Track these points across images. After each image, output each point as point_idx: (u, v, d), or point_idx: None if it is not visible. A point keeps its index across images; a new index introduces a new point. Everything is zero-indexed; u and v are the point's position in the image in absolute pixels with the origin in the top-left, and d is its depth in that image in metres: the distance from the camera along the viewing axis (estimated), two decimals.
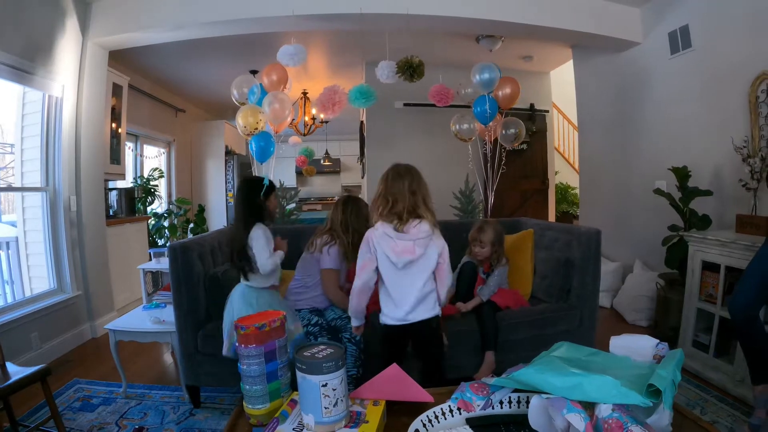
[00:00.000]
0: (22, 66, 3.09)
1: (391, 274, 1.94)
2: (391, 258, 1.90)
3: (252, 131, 2.88)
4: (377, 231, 1.93)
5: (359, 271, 1.95)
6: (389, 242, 1.90)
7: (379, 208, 1.95)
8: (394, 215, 1.92)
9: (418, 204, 1.94)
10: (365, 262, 1.95)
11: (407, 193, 1.94)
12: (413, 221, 1.92)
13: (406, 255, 1.89)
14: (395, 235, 1.90)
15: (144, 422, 2.45)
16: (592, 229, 2.73)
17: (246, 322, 1.17)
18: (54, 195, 3.57)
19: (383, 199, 1.96)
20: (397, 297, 1.94)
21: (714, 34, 3.30)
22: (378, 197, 1.98)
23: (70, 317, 3.60)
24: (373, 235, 1.94)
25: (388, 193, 1.95)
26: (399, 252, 1.89)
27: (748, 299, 2.09)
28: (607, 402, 1.02)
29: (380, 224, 1.94)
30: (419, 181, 2.00)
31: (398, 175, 1.99)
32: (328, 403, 1.02)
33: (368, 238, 1.95)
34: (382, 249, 1.91)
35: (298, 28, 3.75)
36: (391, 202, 1.93)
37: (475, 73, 3.37)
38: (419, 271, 1.94)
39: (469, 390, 1.23)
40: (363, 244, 1.96)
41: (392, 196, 1.94)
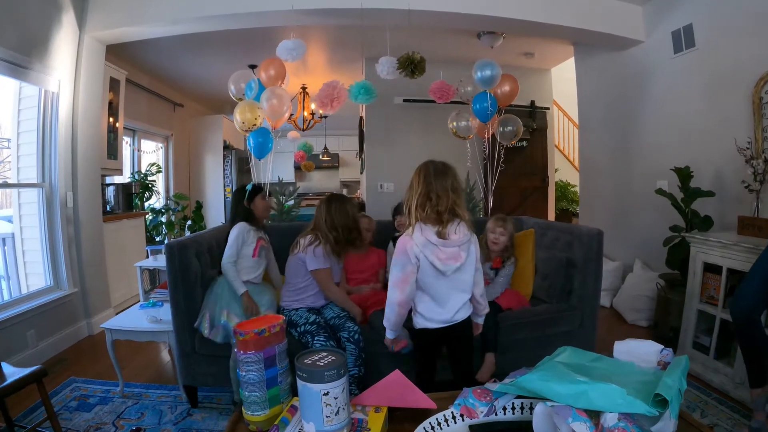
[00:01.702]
0: (18, 61, 3.05)
1: (433, 280, 1.82)
2: (437, 266, 1.78)
3: (250, 127, 2.85)
4: (418, 238, 1.78)
5: (400, 283, 1.80)
6: (433, 250, 1.77)
7: (422, 207, 1.80)
8: (436, 215, 1.79)
9: (457, 203, 1.83)
10: (407, 274, 1.79)
11: (450, 191, 1.81)
12: (452, 223, 1.81)
13: (453, 262, 1.79)
14: (439, 242, 1.78)
15: (141, 422, 2.43)
16: (594, 229, 2.71)
17: (245, 328, 1.15)
18: (50, 191, 3.54)
19: (425, 197, 1.80)
20: (443, 300, 1.85)
21: (718, 34, 3.27)
22: (417, 196, 1.81)
23: (67, 315, 3.57)
24: (414, 243, 1.78)
25: (431, 191, 1.80)
26: (445, 259, 1.78)
27: (750, 302, 2.08)
28: (612, 411, 1.00)
29: (419, 229, 1.79)
30: (458, 180, 1.89)
31: (441, 173, 1.84)
32: (329, 411, 1.00)
33: (407, 247, 1.78)
34: (426, 257, 1.77)
35: (297, 22, 3.71)
36: (435, 201, 1.79)
37: (476, 70, 3.35)
38: (466, 274, 1.86)
39: (471, 396, 1.21)
40: (400, 254, 1.79)
41: (435, 195, 1.79)
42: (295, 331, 2.37)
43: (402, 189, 5.45)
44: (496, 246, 2.75)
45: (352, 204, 2.55)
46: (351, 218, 2.47)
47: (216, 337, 2.40)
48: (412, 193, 1.84)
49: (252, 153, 2.97)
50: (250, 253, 2.52)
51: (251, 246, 2.53)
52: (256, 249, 2.54)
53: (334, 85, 3.30)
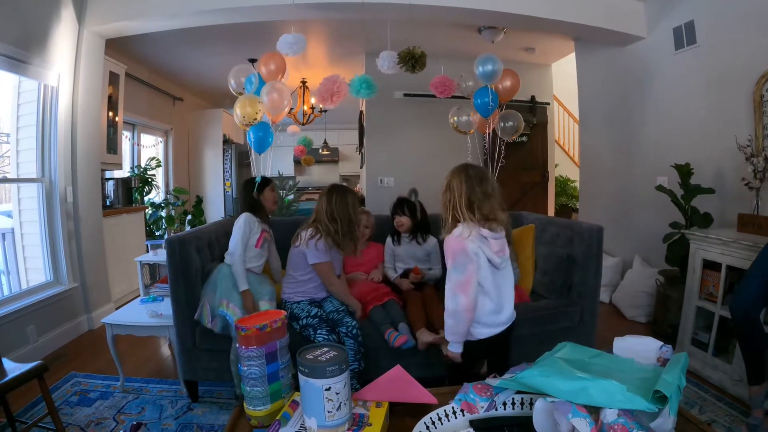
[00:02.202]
0: (17, 55, 3.04)
1: (491, 277, 1.78)
2: (493, 260, 1.76)
3: (251, 121, 2.84)
4: (470, 234, 1.73)
5: (463, 286, 1.72)
6: (486, 243, 1.75)
7: (469, 209, 1.76)
8: (481, 216, 1.76)
9: (495, 206, 1.81)
10: (469, 274, 1.72)
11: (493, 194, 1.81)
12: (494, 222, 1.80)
13: (503, 254, 1.80)
14: (489, 234, 1.76)
15: (142, 417, 2.44)
16: (595, 225, 2.71)
17: (247, 323, 1.15)
18: (50, 185, 3.53)
19: (467, 200, 1.77)
20: (498, 301, 1.81)
21: (720, 31, 3.26)
22: (462, 197, 1.77)
23: (67, 310, 3.57)
24: (468, 241, 1.73)
25: (474, 195, 1.77)
26: (497, 251, 1.77)
27: (750, 299, 2.09)
28: (612, 407, 1.01)
29: (466, 227, 1.75)
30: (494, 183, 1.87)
31: (484, 177, 1.82)
32: (331, 407, 1.01)
33: (464, 246, 1.72)
34: (483, 252, 1.74)
35: (297, 16, 3.70)
36: (479, 204, 1.76)
37: (478, 65, 3.34)
38: (510, 269, 1.87)
39: (472, 391, 1.22)
40: (458, 254, 1.73)
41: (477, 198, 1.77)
42: (297, 324, 2.37)
43: (402, 183, 5.43)
44: None
45: (353, 195, 2.53)
46: (351, 210, 2.46)
47: (215, 327, 2.40)
48: (459, 196, 1.78)
49: (252, 148, 2.96)
50: (254, 242, 2.54)
51: (256, 236, 2.55)
52: (259, 240, 2.56)
53: (334, 80, 3.29)
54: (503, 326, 1.85)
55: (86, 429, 2.33)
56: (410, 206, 2.86)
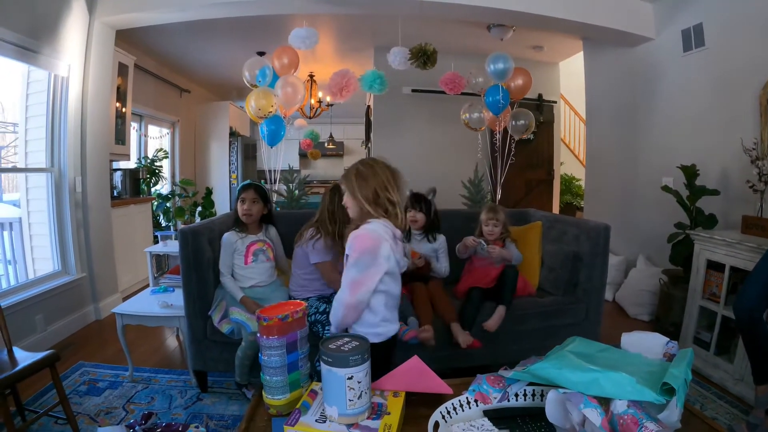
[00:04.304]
0: (28, 45, 3.05)
1: (394, 280, 1.66)
2: (400, 262, 1.67)
3: (265, 114, 2.86)
4: (385, 232, 1.60)
5: (358, 286, 1.56)
6: (397, 245, 1.65)
7: (390, 204, 1.63)
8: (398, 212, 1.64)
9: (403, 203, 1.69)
10: (367, 277, 1.56)
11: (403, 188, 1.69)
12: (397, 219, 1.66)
13: (402, 254, 1.71)
14: (399, 235, 1.66)
15: (152, 407, 2.47)
16: (601, 223, 2.74)
17: (268, 313, 1.18)
18: (59, 175, 3.55)
19: (384, 193, 1.63)
20: (395, 304, 1.71)
21: (728, 34, 3.27)
22: (379, 190, 1.63)
23: (75, 299, 3.60)
24: (383, 242, 1.58)
25: (391, 187, 1.64)
26: (400, 258, 1.68)
27: (753, 300, 2.11)
28: (622, 398, 1.04)
29: (383, 225, 1.61)
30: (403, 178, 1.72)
31: (396, 170, 1.69)
32: (352, 395, 1.03)
33: (378, 248, 1.56)
34: (393, 255, 1.61)
35: (307, 11, 3.71)
36: (396, 198, 1.64)
37: (489, 63, 3.35)
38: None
39: (485, 382, 1.25)
40: (369, 254, 1.55)
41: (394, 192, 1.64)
42: (307, 321, 2.39)
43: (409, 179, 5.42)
44: (491, 236, 2.81)
45: None
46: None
47: (222, 328, 2.42)
48: (371, 187, 1.63)
49: (265, 141, 2.98)
50: (241, 262, 2.52)
51: (241, 254, 2.51)
52: (247, 256, 2.52)
53: (344, 74, 3.31)
54: (394, 333, 1.71)
55: (96, 418, 2.35)
56: (426, 203, 2.82)
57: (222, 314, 2.43)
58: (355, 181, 1.66)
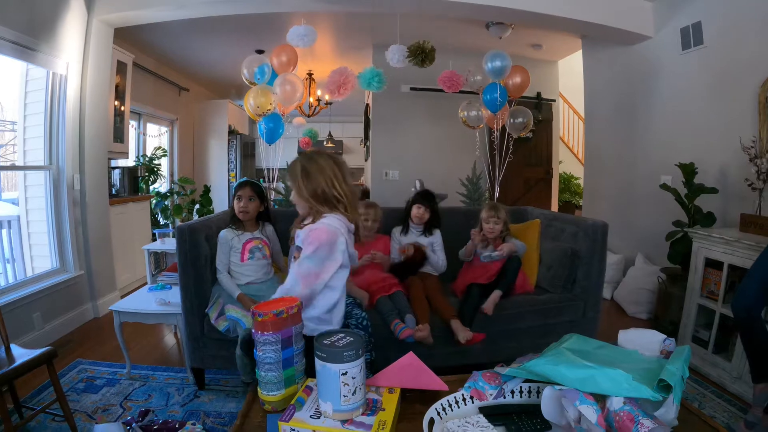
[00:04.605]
0: (26, 42, 3.04)
1: (343, 275, 1.68)
2: (352, 255, 1.71)
3: (264, 112, 2.86)
4: (340, 226, 1.63)
5: (312, 280, 1.59)
6: (350, 239, 1.69)
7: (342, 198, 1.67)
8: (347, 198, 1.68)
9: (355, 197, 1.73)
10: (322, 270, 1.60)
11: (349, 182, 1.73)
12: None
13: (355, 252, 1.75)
14: (352, 228, 1.70)
15: (149, 404, 2.46)
16: (599, 221, 2.74)
17: (263, 309, 1.18)
18: (57, 173, 3.54)
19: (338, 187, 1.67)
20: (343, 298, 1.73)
21: (726, 33, 3.26)
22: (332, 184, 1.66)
23: (73, 297, 3.60)
24: (340, 236, 1.61)
25: (345, 181, 1.70)
26: (353, 248, 1.73)
27: (751, 299, 2.10)
28: (618, 395, 1.04)
29: (338, 219, 1.65)
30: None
31: (344, 163, 1.76)
32: (347, 391, 1.03)
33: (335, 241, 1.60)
34: (347, 249, 1.65)
35: (306, 8, 3.70)
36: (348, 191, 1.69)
37: (487, 61, 3.35)
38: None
39: (481, 379, 1.25)
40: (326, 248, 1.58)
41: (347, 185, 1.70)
42: None
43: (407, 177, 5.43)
44: (492, 234, 2.82)
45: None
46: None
47: (219, 326, 2.41)
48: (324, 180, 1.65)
49: (263, 138, 2.97)
50: (238, 259, 2.51)
51: (237, 252, 2.51)
52: (243, 253, 2.52)
53: (342, 72, 3.31)
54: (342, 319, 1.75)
55: (93, 416, 2.35)
56: (433, 201, 2.96)
57: (219, 312, 2.43)
58: (301, 179, 1.67)
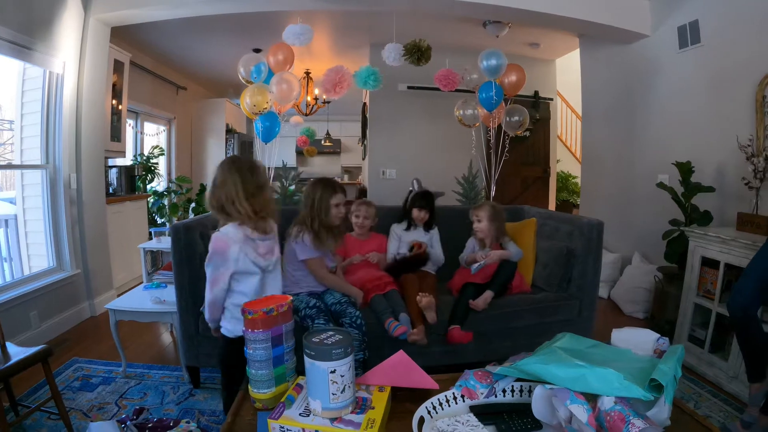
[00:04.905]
0: (23, 41, 3.03)
1: (254, 279, 1.76)
2: (258, 262, 1.75)
3: (260, 110, 2.85)
4: (236, 234, 1.71)
5: (213, 284, 1.73)
6: (253, 245, 1.74)
7: (240, 206, 1.71)
8: (254, 213, 1.73)
9: (268, 201, 1.79)
10: (219, 275, 1.72)
11: (263, 189, 1.78)
12: (263, 222, 1.77)
13: (271, 255, 1.81)
14: (257, 236, 1.75)
15: (144, 402, 2.47)
16: (594, 220, 2.74)
17: (253, 307, 1.17)
18: (54, 172, 3.54)
19: (236, 196, 1.71)
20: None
21: (724, 31, 3.26)
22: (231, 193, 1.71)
23: (69, 296, 3.60)
24: (232, 244, 1.70)
25: (246, 189, 1.72)
26: (264, 253, 1.78)
27: (747, 298, 2.10)
28: (609, 394, 1.03)
29: (235, 228, 1.72)
30: (264, 173, 1.83)
31: (254, 169, 1.78)
32: (335, 389, 1.03)
33: (226, 249, 1.70)
34: (247, 256, 1.72)
35: (303, 7, 3.70)
36: (250, 198, 1.72)
37: (482, 59, 3.34)
38: (278, 272, 1.90)
39: (473, 378, 1.25)
40: (219, 255, 1.71)
41: (251, 192, 1.73)
42: (297, 317, 2.38)
43: (405, 176, 5.42)
44: (481, 233, 2.83)
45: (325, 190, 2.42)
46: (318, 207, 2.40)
47: None
48: (225, 190, 1.72)
49: (259, 137, 2.97)
50: None
51: None
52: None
53: (338, 70, 3.30)
54: None
55: (89, 413, 2.35)
56: (431, 201, 3.01)
57: None
58: (212, 188, 1.77)
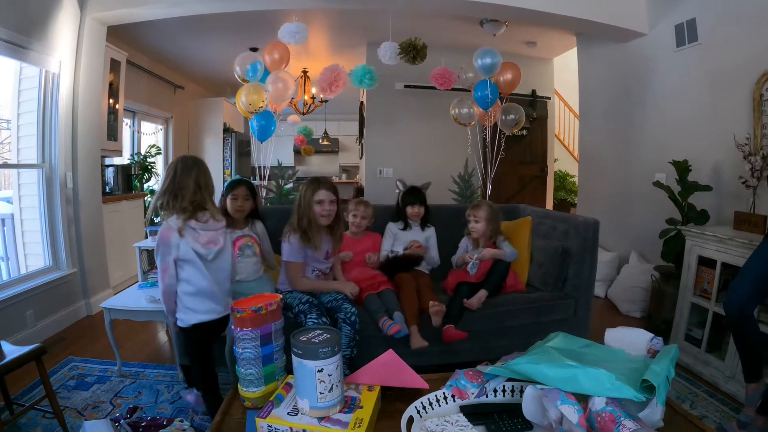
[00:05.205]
0: (18, 41, 3.02)
1: (195, 268, 1.90)
2: (199, 251, 1.88)
3: (256, 109, 2.84)
4: (178, 226, 1.86)
5: (162, 273, 1.90)
6: (194, 234, 1.88)
7: (179, 199, 1.90)
8: (192, 206, 1.89)
9: (206, 196, 1.95)
10: (165, 264, 1.88)
11: (197, 186, 1.92)
12: (203, 215, 1.92)
13: (213, 245, 1.93)
14: (197, 225, 1.89)
15: (138, 401, 2.46)
16: (590, 219, 2.74)
17: (242, 305, 1.17)
18: (50, 171, 3.53)
19: (176, 190, 1.90)
20: (207, 289, 1.93)
21: (721, 29, 3.25)
22: (172, 188, 1.91)
23: (66, 295, 3.59)
24: (173, 233, 1.86)
25: (184, 185, 1.90)
26: (205, 242, 1.90)
27: (744, 297, 2.08)
28: (600, 395, 1.02)
29: (176, 218, 1.88)
30: (206, 175, 1.98)
31: (193, 167, 1.95)
32: (323, 388, 1.02)
33: (168, 237, 1.86)
34: (188, 244, 1.87)
35: (300, 5, 3.68)
36: (188, 194, 1.90)
37: (477, 58, 3.33)
38: (224, 261, 2.00)
39: (463, 377, 1.24)
40: (163, 244, 1.88)
41: (187, 188, 1.90)
42: (291, 313, 2.37)
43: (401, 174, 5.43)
44: (476, 234, 2.82)
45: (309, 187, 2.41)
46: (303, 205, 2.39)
47: None
48: (167, 185, 1.92)
49: (254, 136, 2.96)
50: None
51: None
52: (233, 250, 2.42)
53: (333, 69, 3.30)
54: (217, 314, 1.96)
55: (83, 412, 2.34)
56: (422, 196, 3.00)
57: None
58: (160, 186, 1.97)
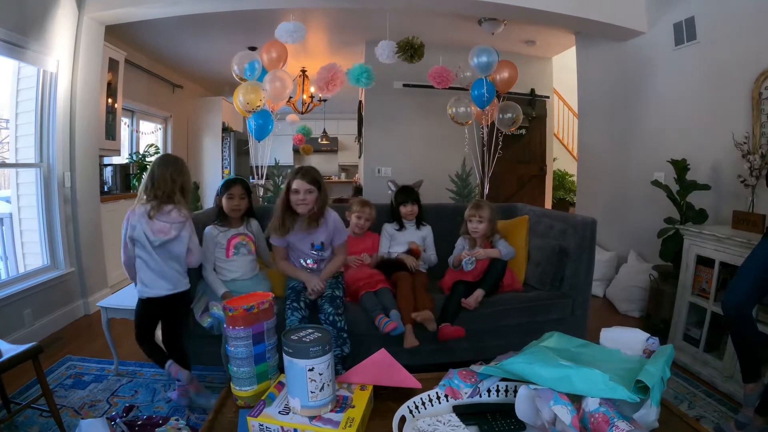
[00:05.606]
0: (16, 40, 3.02)
1: (145, 250, 2.22)
2: (149, 236, 2.19)
3: (254, 108, 2.84)
4: (138, 210, 2.20)
5: (123, 248, 2.25)
6: (147, 221, 2.18)
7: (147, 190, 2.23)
8: (154, 196, 2.20)
9: (170, 190, 2.23)
10: (125, 240, 2.23)
11: (169, 180, 2.23)
12: (167, 205, 2.22)
13: (162, 234, 2.20)
14: (154, 214, 2.19)
15: (135, 400, 2.46)
16: (588, 218, 2.73)
17: (234, 304, 1.16)
18: (48, 171, 3.53)
19: (147, 183, 2.24)
20: (157, 269, 2.23)
21: (720, 28, 3.24)
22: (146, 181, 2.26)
23: (64, 294, 3.59)
24: (132, 215, 2.21)
25: (155, 178, 2.23)
26: (156, 231, 2.19)
27: (742, 297, 2.07)
28: (594, 396, 1.02)
29: (140, 205, 2.22)
30: (180, 172, 2.29)
31: (166, 164, 2.27)
32: (314, 387, 1.02)
33: (128, 218, 2.22)
34: (141, 227, 2.19)
35: (298, 4, 3.68)
36: (156, 185, 2.22)
37: (473, 56, 3.33)
38: (177, 248, 2.27)
39: (457, 377, 1.23)
40: (124, 222, 2.23)
41: (157, 181, 2.22)
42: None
43: (400, 173, 5.42)
44: (477, 234, 2.80)
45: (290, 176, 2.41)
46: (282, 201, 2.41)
47: (203, 321, 2.41)
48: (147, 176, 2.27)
49: (252, 135, 2.96)
50: (223, 255, 2.49)
51: (222, 248, 2.49)
52: (228, 249, 2.50)
53: (330, 68, 3.29)
54: (166, 290, 2.25)
55: (80, 411, 2.35)
56: (415, 194, 2.99)
57: (203, 308, 2.42)
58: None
